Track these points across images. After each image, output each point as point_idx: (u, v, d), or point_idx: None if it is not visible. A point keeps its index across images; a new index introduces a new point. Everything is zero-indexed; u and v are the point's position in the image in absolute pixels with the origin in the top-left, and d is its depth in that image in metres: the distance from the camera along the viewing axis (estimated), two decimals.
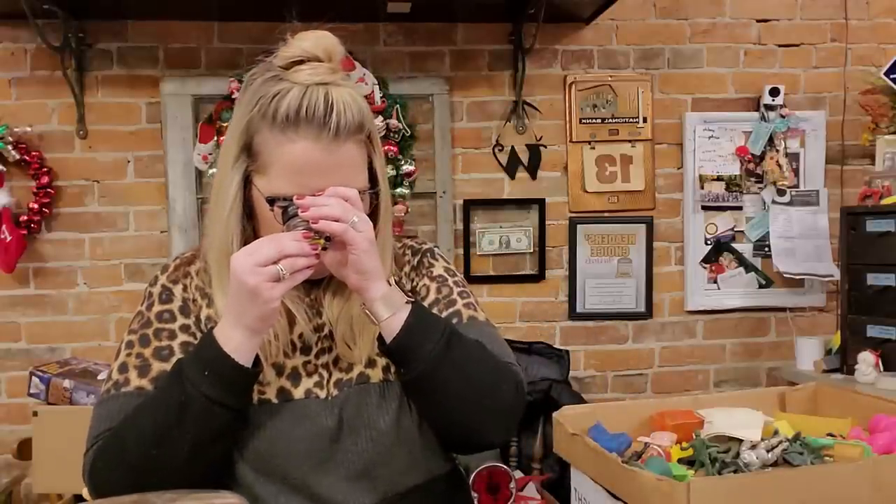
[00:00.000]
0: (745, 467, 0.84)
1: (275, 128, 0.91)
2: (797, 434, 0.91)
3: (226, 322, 0.89)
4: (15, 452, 2.09)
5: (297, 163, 0.91)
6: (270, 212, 0.92)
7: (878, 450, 0.88)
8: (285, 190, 0.91)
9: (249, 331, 0.88)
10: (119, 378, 0.97)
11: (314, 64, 0.94)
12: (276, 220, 0.92)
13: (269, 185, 0.92)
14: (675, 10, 2.63)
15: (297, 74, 0.93)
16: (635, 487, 0.78)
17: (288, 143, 0.90)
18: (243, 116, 0.95)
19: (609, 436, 0.96)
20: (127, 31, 2.41)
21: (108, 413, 0.95)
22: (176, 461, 0.88)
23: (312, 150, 0.90)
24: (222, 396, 0.88)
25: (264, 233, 0.95)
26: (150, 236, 2.44)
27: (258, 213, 0.96)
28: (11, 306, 2.40)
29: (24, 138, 2.35)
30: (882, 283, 2.18)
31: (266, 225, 0.95)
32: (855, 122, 2.66)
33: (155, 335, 0.99)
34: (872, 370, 2.12)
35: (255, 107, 0.93)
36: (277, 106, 0.90)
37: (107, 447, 0.92)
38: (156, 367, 0.96)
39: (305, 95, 0.90)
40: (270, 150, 0.92)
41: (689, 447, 0.92)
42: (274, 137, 0.91)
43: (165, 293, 1.02)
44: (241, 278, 0.85)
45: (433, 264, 1.10)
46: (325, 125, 0.90)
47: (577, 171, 2.59)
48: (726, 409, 1.01)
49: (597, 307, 2.61)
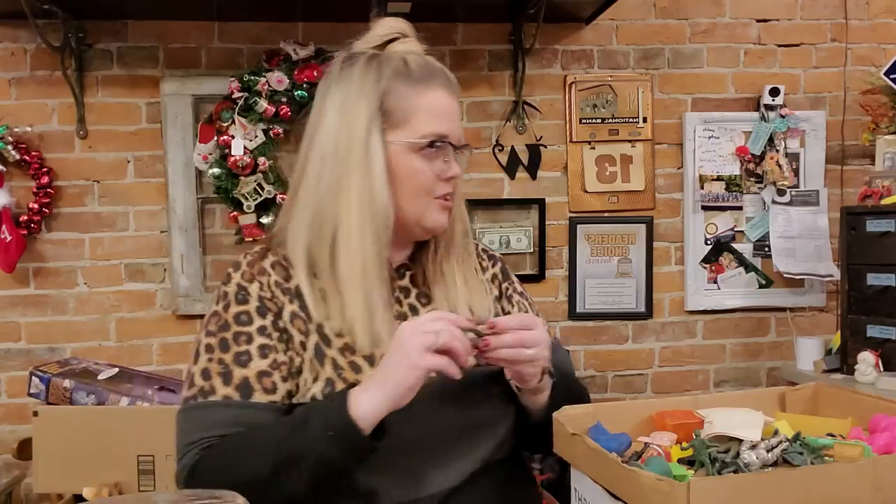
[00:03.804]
0: (745, 467, 0.84)
1: (412, 81, 1.02)
2: (797, 434, 0.91)
3: (365, 388, 0.91)
4: (15, 452, 2.09)
5: (439, 106, 1.03)
6: (415, 163, 1.01)
7: (878, 450, 0.88)
8: (436, 129, 1.01)
9: (388, 398, 0.89)
10: (204, 385, 0.98)
11: (404, 39, 1.07)
12: (424, 163, 1.01)
13: (417, 131, 1.01)
14: (675, 10, 2.63)
15: (398, 46, 1.05)
16: (635, 487, 0.78)
17: (428, 91, 1.03)
18: (367, 85, 1.01)
19: (609, 436, 0.96)
20: (127, 31, 2.41)
21: (199, 422, 0.96)
22: (288, 490, 0.91)
23: (444, 96, 1.04)
24: (341, 459, 0.90)
25: (403, 190, 1.02)
26: (150, 236, 2.44)
27: (396, 169, 1.01)
28: (11, 306, 2.40)
29: (24, 138, 2.35)
30: (882, 283, 2.18)
31: (405, 179, 1.01)
32: (855, 122, 2.66)
33: (234, 339, 0.99)
34: (872, 370, 2.12)
35: (383, 71, 1.01)
36: (408, 64, 1.02)
37: (214, 460, 0.94)
38: (237, 375, 0.97)
39: (421, 57, 1.05)
40: (410, 101, 1.01)
41: (689, 447, 0.92)
42: (413, 89, 1.02)
43: (241, 293, 1.02)
44: (401, 342, 0.89)
45: (513, 279, 1.23)
46: (447, 78, 1.06)
47: (577, 171, 2.59)
48: (726, 409, 1.01)
49: (597, 307, 2.61)
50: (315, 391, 0.98)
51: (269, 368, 0.98)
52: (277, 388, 0.98)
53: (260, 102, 2.31)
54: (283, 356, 1.00)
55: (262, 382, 0.97)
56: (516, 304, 1.19)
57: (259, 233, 2.38)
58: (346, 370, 0.99)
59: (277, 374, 0.99)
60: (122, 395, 1.90)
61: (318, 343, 1.00)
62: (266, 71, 2.34)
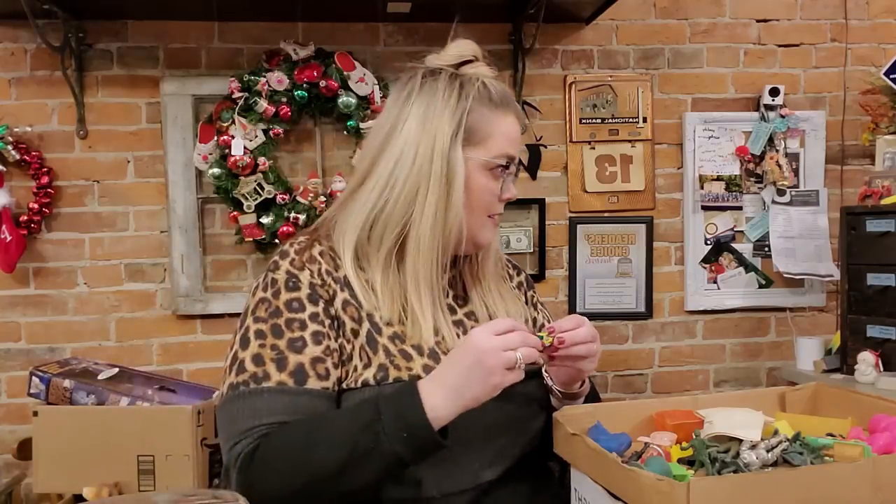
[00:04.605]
0: (745, 467, 0.84)
1: (492, 105, 1.10)
2: (797, 434, 0.91)
3: (439, 389, 0.92)
4: (15, 452, 2.09)
5: (512, 131, 1.11)
6: (484, 180, 1.08)
7: (878, 450, 0.88)
8: (508, 151, 1.10)
9: (463, 407, 0.92)
10: (257, 371, 0.98)
11: (476, 64, 1.15)
12: (492, 182, 1.09)
13: (492, 151, 1.08)
14: (675, 10, 2.63)
15: (474, 69, 1.13)
16: (635, 487, 0.78)
17: (505, 116, 1.11)
18: (452, 101, 1.08)
19: (609, 436, 0.96)
20: (127, 31, 2.41)
21: (254, 409, 0.96)
22: (353, 484, 0.92)
23: (515, 123, 1.13)
24: (411, 458, 0.91)
25: (471, 204, 1.08)
26: (150, 236, 2.44)
27: (469, 184, 1.08)
28: (11, 306, 2.40)
29: (24, 138, 2.35)
30: (882, 283, 2.18)
31: (474, 195, 1.08)
32: (855, 122, 2.66)
33: (287, 325, 1.01)
34: (872, 370, 2.12)
35: (466, 91, 1.09)
36: (488, 88, 1.10)
37: (278, 450, 0.94)
38: (292, 361, 0.98)
39: (499, 83, 1.13)
40: (490, 123, 1.09)
41: (689, 447, 0.92)
42: (492, 113, 1.10)
43: (292, 280, 1.04)
44: (481, 356, 0.90)
45: (535, 289, 1.33)
46: (517, 107, 1.16)
47: (577, 171, 2.59)
48: (726, 409, 1.01)
49: (597, 307, 2.61)
50: (367, 376, 1.00)
51: (323, 355, 1.00)
52: (330, 374, 1.00)
53: (260, 102, 2.31)
54: (334, 343, 1.02)
55: (315, 369, 0.99)
56: (540, 312, 1.29)
57: (259, 233, 2.38)
58: (398, 357, 1.02)
59: (330, 361, 1.01)
60: (122, 395, 1.90)
61: (371, 331, 1.03)
62: (266, 71, 2.34)
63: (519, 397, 1.06)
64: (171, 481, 1.79)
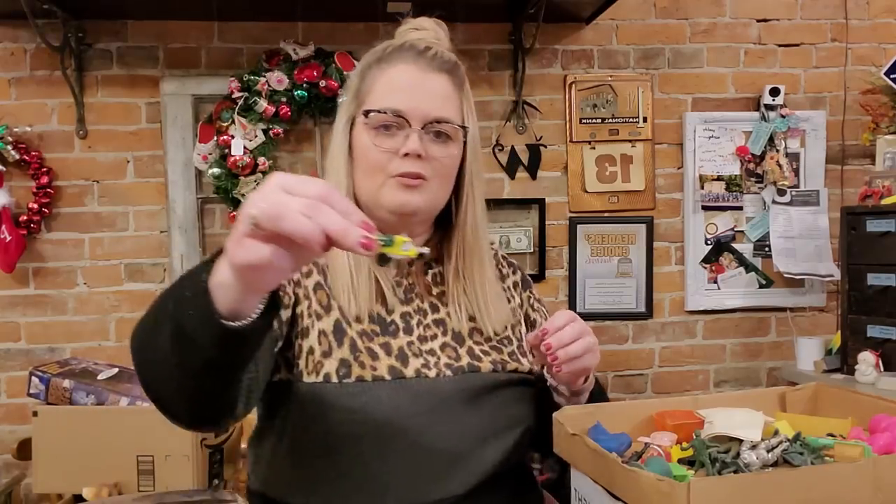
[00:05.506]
0: (746, 467, 0.84)
1: (380, 62, 1.02)
2: (797, 434, 0.91)
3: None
4: (15, 452, 2.09)
5: (393, 81, 1.00)
6: (365, 138, 0.99)
7: (878, 450, 0.88)
8: (387, 104, 0.98)
9: (230, 267, 0.67)
10: None
11: (423, 31, 1.07)
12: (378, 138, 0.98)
13: (368, 106, 1.00)
14: (675, 10, 2.63)
15: (407, 34, 1.06)
16: (635, 487, 0.78)
17: (389, 68, 1.01)
18: (357, 75, 1.04)
19: (609, 436, 0.96)
20: (127, 31, 2.41)
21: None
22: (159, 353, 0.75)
23: (406, 69, 1.00)
24: (188, 321, 0.70)
25: (357, 172, 1.02)
26: (150, 236, 2.44)
27: (354, 148, 1.02)
28: (11, 306, 2.40)
29: (24, 138, 2.35)
30: (882, 283, 2.18)
31: (360, 161, 1.01)
32: (855, 122, 2.66)
33: None
34: (872, 370, 2.12)
35: (367, 58, 1.04)
36: (386, 48, 1.03)
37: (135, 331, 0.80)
38: None
39: (410, 39, 1.04)
40: (373, 80, 1.01)
41: (689, 447, 0.92)
42: (378, 68, 1.02)
43: None
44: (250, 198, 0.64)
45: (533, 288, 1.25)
46: (421, 53, 1.01)
47: (577, 171, 2.59)
48: (726, 409, 1.01)
49: (597, 307, 2.61)
50: (329, 370, 0.95)
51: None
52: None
53: (260, 102, 2.31)
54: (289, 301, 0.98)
55: None
56: (538, 312, 1.22)
57: None
58: (364, 354, 0.97)
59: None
60: (121, 395, 1.90)
61: (340, 320, 0.99)
62: (266, 71, 2.34)
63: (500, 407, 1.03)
64: (170, 481, 1.79)
